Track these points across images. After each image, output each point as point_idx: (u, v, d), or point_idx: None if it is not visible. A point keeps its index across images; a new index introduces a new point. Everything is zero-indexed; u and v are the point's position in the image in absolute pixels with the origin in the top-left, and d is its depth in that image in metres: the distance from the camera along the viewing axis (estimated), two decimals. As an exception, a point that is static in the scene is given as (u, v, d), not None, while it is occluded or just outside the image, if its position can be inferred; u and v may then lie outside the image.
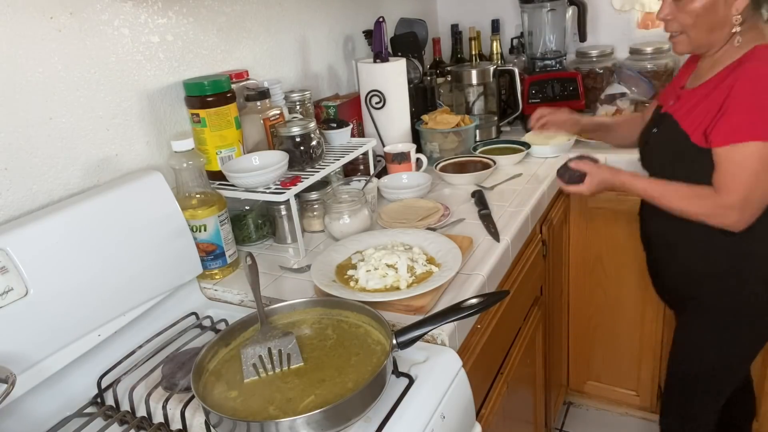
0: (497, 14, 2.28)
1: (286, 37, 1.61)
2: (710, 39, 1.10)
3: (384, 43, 1.62)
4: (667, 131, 1.18)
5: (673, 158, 1.17)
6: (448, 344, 0.94)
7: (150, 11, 1.19)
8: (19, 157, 0.97)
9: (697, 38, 1.11)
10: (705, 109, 1.09)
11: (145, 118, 1.20)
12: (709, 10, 1.06)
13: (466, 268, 1.12)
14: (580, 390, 2.05)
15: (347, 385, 0.79)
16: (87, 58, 1.07)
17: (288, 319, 0.96)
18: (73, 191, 1.06)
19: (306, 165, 1.30)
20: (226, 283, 1.17)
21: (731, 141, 1.03)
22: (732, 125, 1.03)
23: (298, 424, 0.70)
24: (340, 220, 1.26)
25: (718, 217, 1.08)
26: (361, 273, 1.05)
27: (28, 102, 0.98)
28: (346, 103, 1.65)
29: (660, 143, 1.22)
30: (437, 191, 1.54)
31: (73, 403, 0.89)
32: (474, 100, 1.96)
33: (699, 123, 1.09)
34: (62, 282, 0.90)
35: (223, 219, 1.16)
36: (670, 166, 1.18)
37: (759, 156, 1.01)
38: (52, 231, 0.91)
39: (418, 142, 1.72)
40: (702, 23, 1.09)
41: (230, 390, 0.81)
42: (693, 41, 1.13)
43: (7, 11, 0.94)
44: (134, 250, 1.01)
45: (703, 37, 1.10)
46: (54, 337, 0.89)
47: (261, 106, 1.32)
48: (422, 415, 0.80)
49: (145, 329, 1.03)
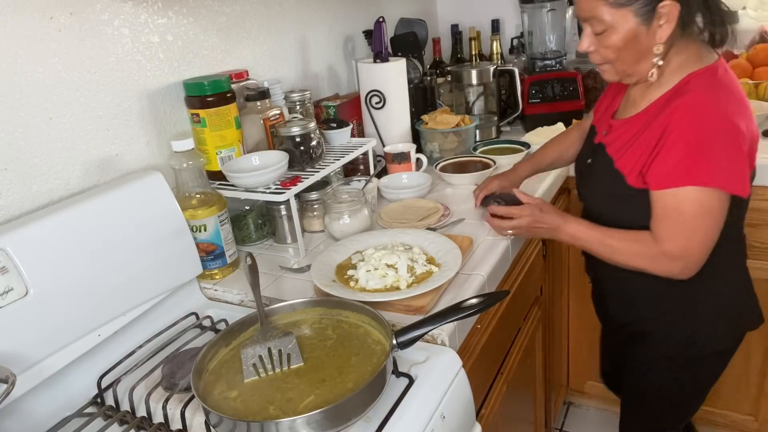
0: (497, 14, 2.28)
1: (286, 37, 1.61)
2: (637, 69, 1.02)
3: (384, 43, 1.62)
4: (602, 169, 1.10)
5: (611, 198, 1.09)
6: (448, 344, 0.94)
7: (150, 11, 1.19)
8: (19, 157, 0.97)
9: (623, 69, 1.03)
10: (640, 148, 1.01)
11: (145, 118, 1.20)
12: (631, 42, 0.97)
13: (466, 268, 1.12)
14: (580, 390, 2.04)
15: (347, 385, 0.79)
16: (87, 58, 1.07)
17: (288, 319, 0.96)
18: (73, 191, 1.06)
19: (306, 165, 1.30)
20: (226, 283, 1.17)
21: (666, 186, 0.96)
22: (667, 169, 0.95)
23: (298, 424, 0.70)
24: (340, 220, 1.26)
25: (662, 266, 1.00)
26: (361, 273, 1.05)
27: (28, 102, 0.98)
28: (346, 103, 1.65)
29: (596, 181, 1.14)
30: (437, 191, 1.54)
31: (73, 403, 0.89)
32: (474, 100, 1.96)
33: (635, 163, 1.02)
34: (62, 282, 0.90)
35: (223, 219, 1.16)
36: (608, 205, 1.11)
37: (696, 201, 0.94)
38: (52, 231, 0.91)
39: (418, 142, 1.72)
40: (625, 56, 1.00)
41: (230, 390, 0.81)
42: (619, 72, 1.04)
43: (7, 11, 0.94)
44: (134, 250, 1.01)
45: (630, 67, 1.02)
46: (54, 337, 0.89)
47: (261, 106, 1.32)
48: (422, 415, 0.80)
49: (145, 329, 1.03)
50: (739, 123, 0.94)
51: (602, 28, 0.98)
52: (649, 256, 1.00)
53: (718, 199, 0.95)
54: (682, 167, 0.94)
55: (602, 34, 0.99)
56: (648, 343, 1.19)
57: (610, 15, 0.96)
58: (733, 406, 1.79)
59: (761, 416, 1.76)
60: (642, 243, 1.01)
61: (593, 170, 1.15)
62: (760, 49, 1.96)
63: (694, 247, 0.97)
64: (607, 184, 1.09)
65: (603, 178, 1.10)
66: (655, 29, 0.96)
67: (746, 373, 1.73)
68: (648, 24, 0.96)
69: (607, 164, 1.08)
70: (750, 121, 0.98)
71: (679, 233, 0.97)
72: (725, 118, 0.94)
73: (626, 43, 0.98)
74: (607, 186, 1.09)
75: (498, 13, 2.30)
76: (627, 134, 1.06)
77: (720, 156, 0.93)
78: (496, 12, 2.31)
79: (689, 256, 0.98)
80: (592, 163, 1.16)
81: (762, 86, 1.84)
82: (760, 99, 1.83)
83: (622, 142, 1.07)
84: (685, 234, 0.96)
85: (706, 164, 0.93)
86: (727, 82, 0.99)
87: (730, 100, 0.96)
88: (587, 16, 0.99)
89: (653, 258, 1.00)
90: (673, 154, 0.95)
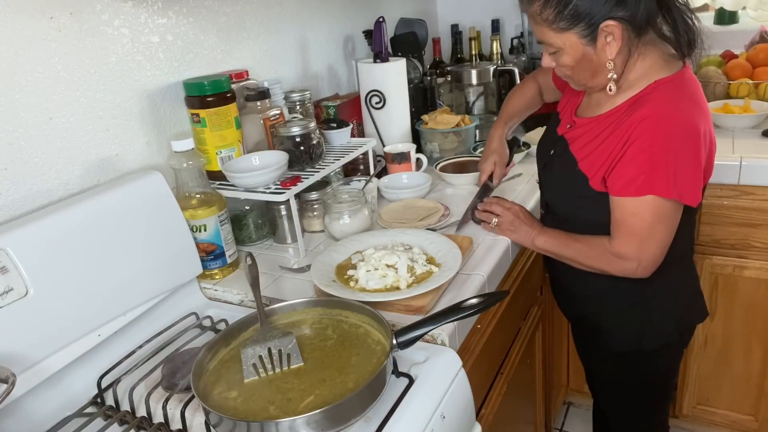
0: (497, 14, 2.28)
1: (286, 37, 1.61)
2: (596, 82, 1.05)
3: (384, 43, 1.62)
4: (565, 167, 1.13)
5: (573, 197, 1.13)
6: (448, 344, 0.94)
7: (150, 11, 1.19)
8: (19, 157, 0.97)
9: (583, 83, 1.07)
10: (604, 154, 1.04)
11: (145, 118, 1.20)
12: (581, 61, 1.01)
13: (466, 268, 1.12)
14: (580, 390, 2.04)
15: (347, 385, 0.79)
16: (87, 58, 1.07)
17: (288, 319, 0.96)
18: (73, 191, 1.06)
19: (306, 165, 1.30)
20: (226, 283, 1.17)
21: (627, 194, 0.99)
22: (629, 177, 0.99)
23: (298, 424, 0.71)
24: (340, 220, 1.26)
25: (617, 267, 1.06)
26: (361, 273, 1.05)
27: (28, 102, 0.98)
28: (346, 103, 1.65)
29: (559, 179, 1.17)
30: (437, 191, 1.54)
31: (73, 403, 0.89)
32: (474, 100, 1.96)
33: (598, 167, 1.04)
34: (62, 282, 0.90)
35: (223, 219, 1.16)
36: (570, 204, 1.14)
37: (653, 208, 0.98)
38: (52, 231, 0.91)
39: (418, 142, 1.72)
40: (580, 73, 1.04)
41: (230, 390, 0.81)
42: (580, 85, 1.09)
43: (7, 11, 0.94)
44: (134, 250, 1.01)
45: (588, 81, 1.05)
46: (54, 337, 0.89)
47: (261, 106, 1.32)
48: (422, 415, 0.80)
49: (145, 329, 1.03)
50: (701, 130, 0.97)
51: (553, 50, 1.03)
52: (608, 260, 1.06)
53: (675, 208, 1.00)
54: (643, 177, 0.97)
55: (555, 54, 1.04)
56: (602, 339, 1.23)
57: (557, 39, 1.00)
58: (733, 406, 1.79)
59: (761, 416, 1.76)
60: (600, 248, 1.07)
61: (555, 165, 1.18)
62: (760, 49, 1.95)
63: (649, 250, 1.02)
64: (570, 184, 1.12)
65: (566, 178, 1.13)
66: (603, 47, 0.98)
67: (746, 373, 1.73)
68: (593, 44, 0.99)
69: (571, 164, 1.11)
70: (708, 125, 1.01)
71: (635, 237, 1.01)
72: (688, 127, 0.97)
73: (577, 62, 1.02)
74: (571, 186, 1.12)
75: (498, 13, 2.30)
76: (590, 134, 1.09)
77: (679, 168, 0.96)
78: (496, 12, 2.31)
79: (644, 258, 1.03)
80: (554, 155, 1.19)
81: (762, 86, 1.84)
82: (760, 99, 1.84)
83: (585, 142, 1.09)
84: (642, 238, 1.01)
85: (665, 176, 0.96)
86: (691, 90, 1.02)
87: (694, 109, 0.99)
88: (539, 39, 1.05)
89: (611, 261, 1.06)
90: (634, 163, 0.98)
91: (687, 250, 1.19)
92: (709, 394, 1.82)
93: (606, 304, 1.19)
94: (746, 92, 1.86)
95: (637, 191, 0.98)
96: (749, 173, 1.52)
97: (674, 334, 1.17)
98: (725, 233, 1.61)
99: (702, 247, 1.64)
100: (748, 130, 1.72)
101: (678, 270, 1.15)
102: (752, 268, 1.62)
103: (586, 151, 1.08)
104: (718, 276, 1.66)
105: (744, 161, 1.52)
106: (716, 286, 1.67)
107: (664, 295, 1.14)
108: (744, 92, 1.86)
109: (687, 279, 1.19)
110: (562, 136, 1.16)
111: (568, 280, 1.25)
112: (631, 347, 1.18)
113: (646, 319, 1.15)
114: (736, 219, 1.59)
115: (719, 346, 1.73)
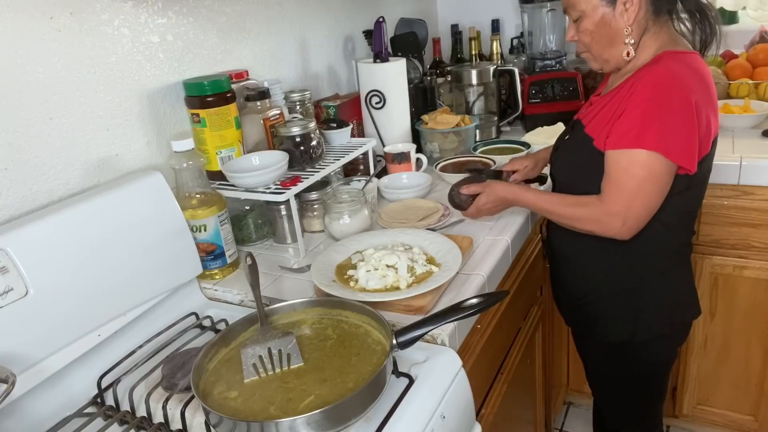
0: (497, 14, 2.28)
1: (286, 37, 1.61)
2: (612, 53, 1.10)
3: (384, 43, 1.62)
4: (575, 137, 1.18)
5: (578, 163, 1.15)
6: (448, 344, 0.94)
7: (150, 11, 1.19)
8: (19, 157, 0.97)
9: (600, 54, 1.12)
10: (608, 112, 1.08)
11: (145, 118, 1.20)
12: (601, 25, 1.08)
13: (466, 268, 1.12)
14: (580, 390, 2.04)
15: (347, 385, 0.79)
16: (87, 58, 1.07)
17: (288, 319, 0.96)
18: (73, 191, 1.06)
19: (306, 165, 1.30)
20: (226, 283, 1.17)
21: (620, 146, 1.02)
22: (624, 130, 1.02)
23: (298, 424, 0.70)
24: (340, 220, 1.26)
25: (601, 224, 1.06)
26: (361, 273, 1.05)
27: (28, 102, 0.98)
28: (346, 103, 1.65)
29: (567, 148, 1.21)
30: (437, 191, 1.54)
31: (73, 403, 0.89)
32: (474, 100, 1.96)
33: (602, 127, 1.08)
34: (62, 282, 0.90)
35: (223, 219, 1.16)
36: (574, 171, 1.17)
37: (644, 164, 1.00)
38: (52, 231, 0.91)
39: (418, 142, 1.72)
40: (598, 41, 1.10)
41: (230, 390, 0.81)
42: (597, 58, 1.13)
43: (7, 11, 0.94)
44: (134, 250, 1.01)
45: (605, 51, 1.11)
46: (54, 337, 0.89)
47: (261, 106, 1.32)
48: (422, 415, 0.80)
49: (145, 329, 1.03)
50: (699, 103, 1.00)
51: (577, 15, 1.10)
52: (595, 216, 1.07)
53: (666, 170, 1.01)
54: (636, 131, 1.00)
55: (578, 21, 1.11)
56: (595, 331, 1.24)
57: (582, 2, 1.08)
58: (733, 406, 1.80)
59: (761, 416, 1.76)
60: (590, 205, 1.08)
61: (568, 143, 1.22)
62: (760, 49, 1.96)
63: (636, 208, 1.03)
64: (577, 147, 1.16)
65: (574, 144, 1.18)
66: (621, 13, 1.06)
67: (746, 373, 1.73)
68: (612, 6, 1.06)
69: (579, 131, 1.15)
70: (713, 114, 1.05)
71: (624, 193, 1.03)
72: (685, 92, 1.00)
73: (597, 27, 1.08)
74: (578, 149, 1.16)
75: (498, 13, 2.30)
76: (600, 105, 1.14)
77: (672, 125, 0.99)
78: (496, 12, 2.31)
79: (630, 217, 1.04)
80: (569, 138, 1.22)
81: (762, 86, 1.84)
82: (760, 99, 1.84)
83: (596, 112, 1.14)
84: (630, 194, 1.03)
85: (656, 130, 0.99)
86: (698, 70, 1.05)
87: (695, 82, 1.02)
88: (566, 5, 1.12)
89: (598, 217, 1.07)
90: (630, 117, 1.02)
91: (685, 245, 1.20)
92: (709, 394, 1.81)
93: (600, 292, 1.20)
94: (746, 92, 1.86)
95: (629, 144, 1.01)
96: (749, 173, 1.53)
97: (666, 327, 1.18)
98: (725, 233, 1.62)
99: (702, 247, 1.64)
100: (748, 130, 1.73)
101: (674, 263, 1.16)
102: (752, 268, 1.62)
103: (594, 117, 1.13)
104: (718, 276, 1.66)
105: (744, 161, 1.52)
106: (716, 286, 1.67)
107: (657, 287, 1.15)
108: (744, 92, 1.87)
109: (681, 274, 1.20)
110: (577, 119, 1.21)
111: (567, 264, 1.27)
112: (624, 338, 1.19)
113: (638, 309, 1.16)
114: (736, 219, 1.59)
115: (719, 346, 1.73)
